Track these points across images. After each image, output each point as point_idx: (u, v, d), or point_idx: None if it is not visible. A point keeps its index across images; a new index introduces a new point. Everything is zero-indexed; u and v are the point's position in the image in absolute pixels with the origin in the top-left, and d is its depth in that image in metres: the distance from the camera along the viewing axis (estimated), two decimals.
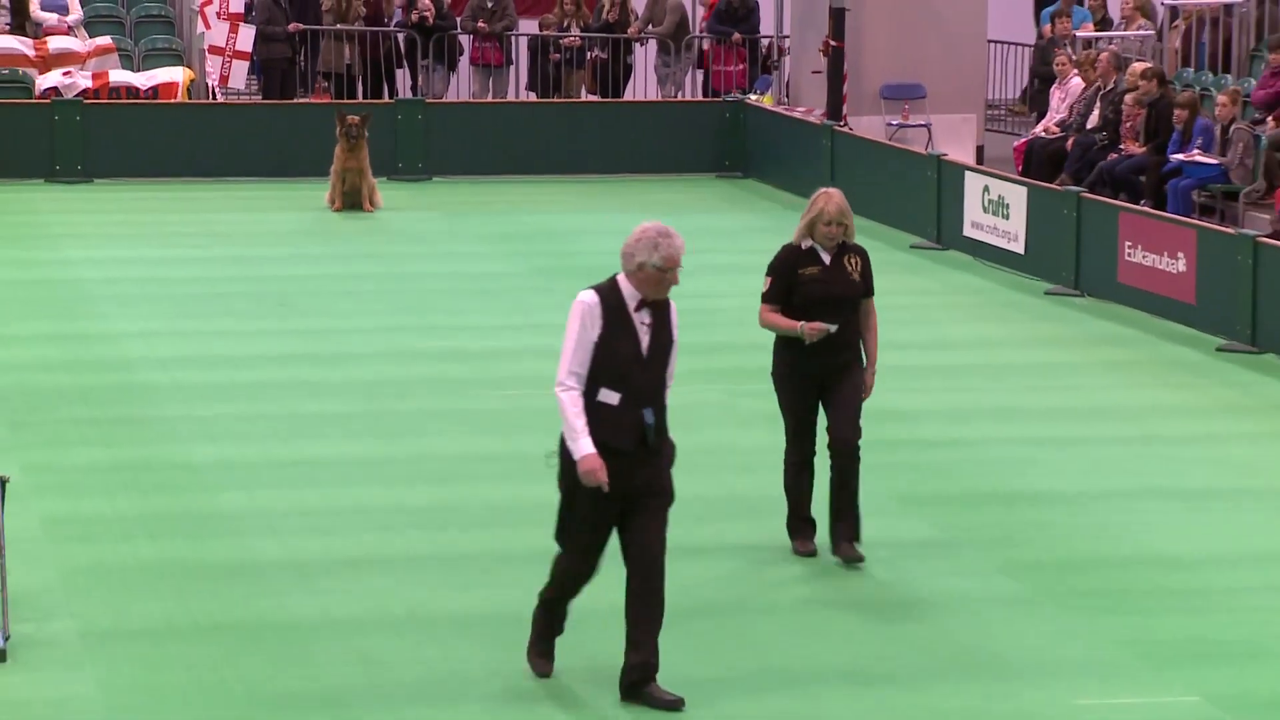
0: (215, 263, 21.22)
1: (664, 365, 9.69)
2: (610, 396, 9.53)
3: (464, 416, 15.26)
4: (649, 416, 9.59)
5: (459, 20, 29.88)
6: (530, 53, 30.10)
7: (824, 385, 11.61)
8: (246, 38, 28.14)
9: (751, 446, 14.37)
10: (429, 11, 29.33)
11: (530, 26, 30.51)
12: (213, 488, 13.34)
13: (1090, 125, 24.10)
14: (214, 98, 28.02)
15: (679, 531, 12.56)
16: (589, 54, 29.82)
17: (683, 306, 21.41)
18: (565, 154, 27.02)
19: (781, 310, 11.60)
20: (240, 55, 28.21)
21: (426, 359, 17.06)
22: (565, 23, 29.97)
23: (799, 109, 28.01)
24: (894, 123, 27.32)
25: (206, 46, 28.12)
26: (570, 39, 29.74)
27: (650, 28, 30.18)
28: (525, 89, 30.13)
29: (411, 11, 29.44)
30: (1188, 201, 22.07)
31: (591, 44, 29.84)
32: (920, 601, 11.40)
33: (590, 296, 9.59)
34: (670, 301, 9.74)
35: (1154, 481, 13.87)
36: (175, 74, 27.58)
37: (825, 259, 11.57)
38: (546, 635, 10.12)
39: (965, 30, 27.74)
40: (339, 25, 29.23)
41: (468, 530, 12.60)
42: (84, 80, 27.11)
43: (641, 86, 30.58)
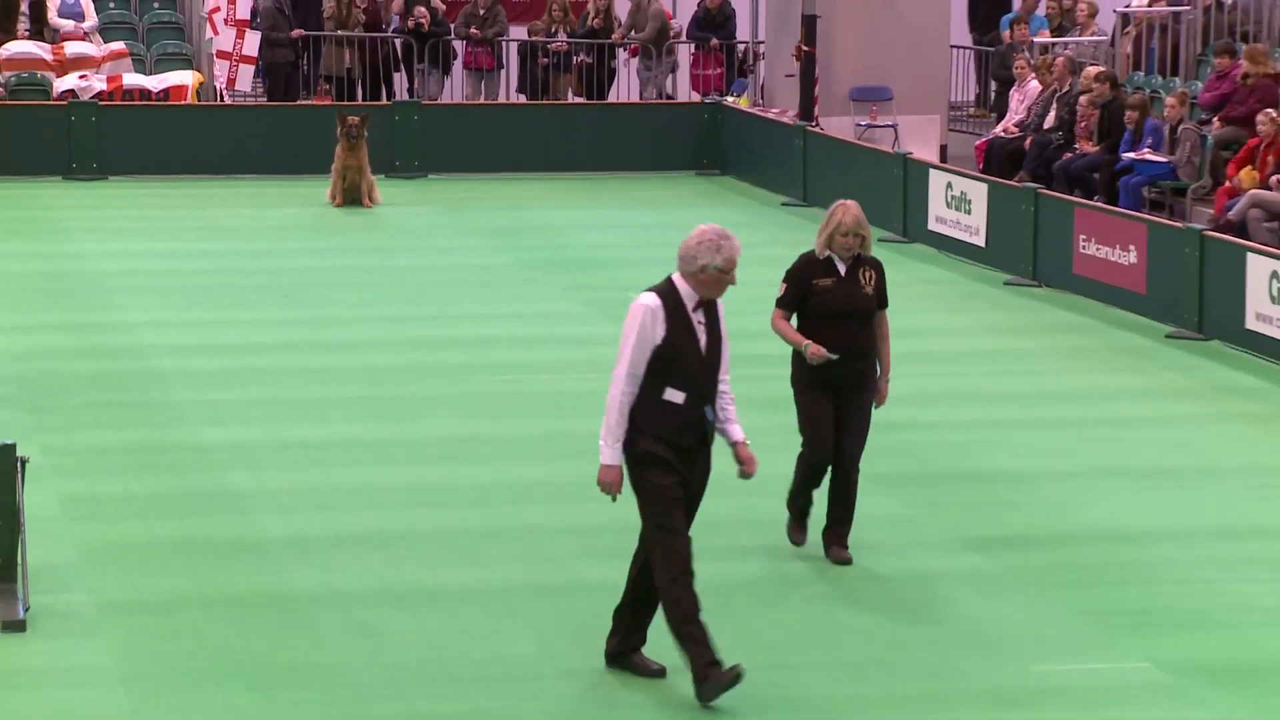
0: (223, 255, 21.18)
1: (718, 363, 9.44)
2: (676, 395, 9.27)
3: (460, 400, 15.25)
4: (710, 414, 9.40)
5: (453, 26, 29.85)
6: (520, 57, 30.06)
7: (839, 393, 11.30)
8: (252, 43, 28.09)
9: None
10: (424, 18, 29.29)
11: (520, 32, 30.47)
12: (221, 468, 13.32)
13: (1047, 125, 24.11)
14: (221, 100, 27.96)
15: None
16: (575, 58, 29.78)
17: None
18: (553, 153, 26.98)
19: (797, 317, 11.31)
20: (246, 59, 28.16)
21: (423, 346, 17.04)
22: (553, 29, 29.94)
23: (773, 110, 28.00)
24: (862, 123, 27.31)
25: (214, 51, 28.06)
26: (557, 44, 29.70)
27: (633, 34, 30.13)
28: (515, 91, 30.09)
29: (408, 18, 29.40)
30: (1138, 197, 22.08)
31: (577, 49, 29.80)
32: (886, 575, 11.40)
33: (653, 299, 9.30)
34: (717, 300, 9.48)
35: (1107, 461, 13.88)
36: (185, 77, 27.52)
37: (840, 270, 11.22)
38: (704, 639, 9.34)
39: (929, 36, 27.73)
40: (339, 31, 29.18)
41: (464, 508, 12.58)
42: (99, 83, 27.05)
43: (624, 89, 30.55)
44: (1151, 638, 10.44)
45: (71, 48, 27.78)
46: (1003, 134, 24.90)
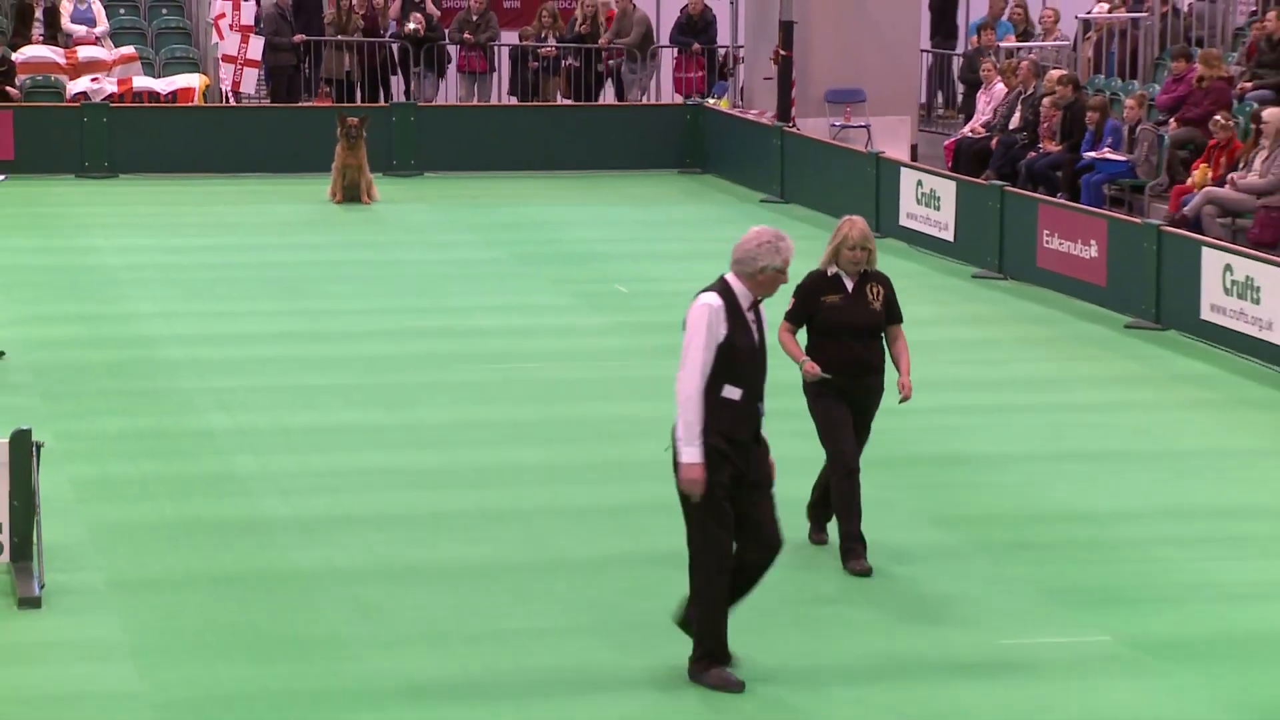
0: (228, 250, 21.15)
1: (766, 360, 9.33)
2: (733, 393, 9.13)
3: (454, 388, 15.24)
4: (762, 409, 9.29)
5: (447, 32, 29.82)
6: (511, 61, 30.04)
7: (852, 403, 10.87)
8: (256, 47, 28.03)
9: None
10: (420, 24, 29.26)
11: (511, 38, 30.46)
12: (226, 452, 13.31)
13: (1012, 126, 24.12)
14: (227, 101, 27.91)
15: (649, 489, 12.62)
16: (564, 62, 29.76)
17: (646, 289, 21.57)
18: (543, 152, 26.96)
19: (806, 332, 10.92)
20: (251, 63, 28.10)
21: (420, 336, 17.03)
22: (543, 34, 29.92)
23: (752, 111, 27.99)
24: (837, 124, 27.30)
25: (220, 55, 28.01)
26: (547, 49, 29.68)
27: (618, 39, 30.11)
28: (507, 94, 30.07)
29: (404, 24, 29.36)
30: (1099, 194, 22.10)
31: (566, 53, 29.78)
32: None
33: (715, 299, 9.12)
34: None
35: (1068, 445, 13.89)
36: (192, 80, 27.50)
37: (848, 286, 10.80)
38: (722, 651, 9.30)
39: (901, 41, 27.74)
40: (339, 36, 29.14)
41: (458, 490, 12.58)
42: (110, 86, 27.03)
43: (611, 91, 30.52)
44: (1111, 612, 10.44)
45: (84, 52, 27.76)
46: (970, 134, 24.91)
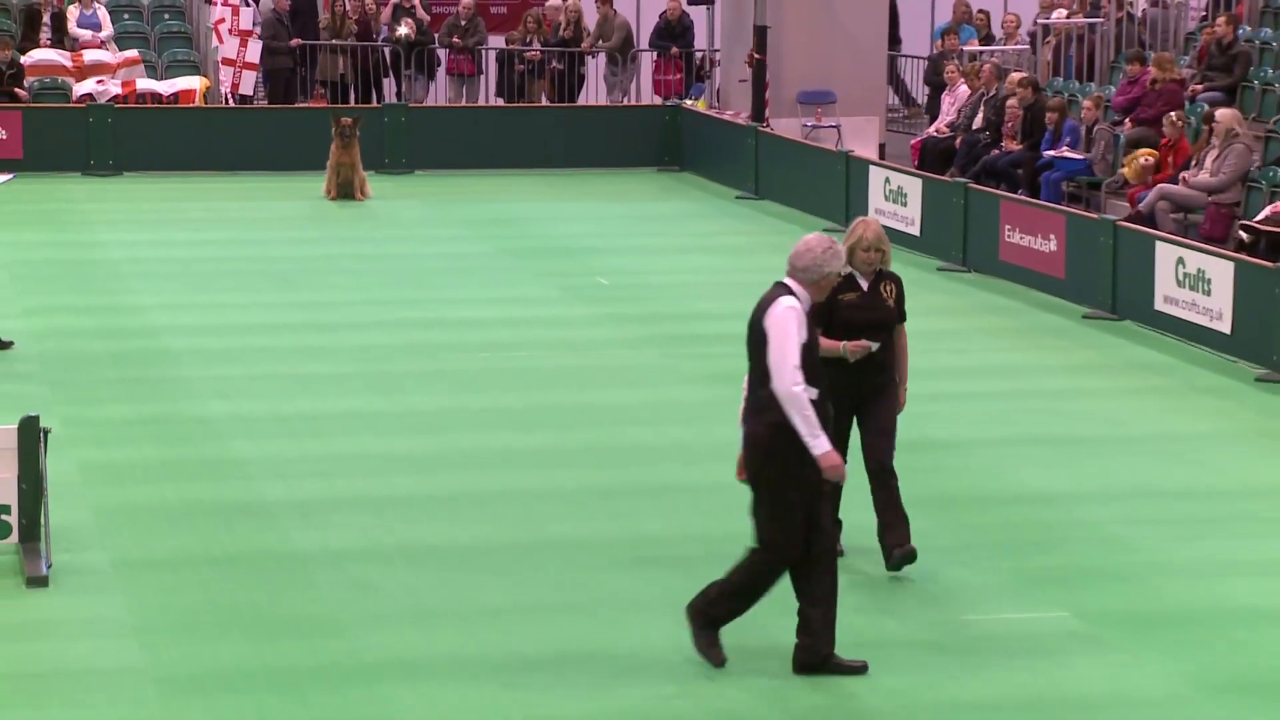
0: (228, 244, 21.08)
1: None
2: (811, 392, 8.96)
3: (445, 376, 15.19)
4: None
5: (437, 36, 29.76)
6: (498, 64, 29.97)
7: (860, 406, 10.51)
8: (255, 51, 27.95)
9: (689, 401, 14.35)
10: (411, 29, 29.21)
11: (498, 42, 30.39)
12: (226, 438, 13.25)
13: (975, 126, 24.09)
14: (226, 103, 27.83)
15: (633, 472, 12.58)
16: (548, 65, 29.71)
17: (627, 281, 21.47)
18: (528, 151, 26.92)
19: (823, 333, 10.51)
20: (249, 66, 28.02)
21: (411, 327, 16.97)
22: (528, 39, 29.86)
23: (728, 112, 27.94)
24: (809, 124, 27.26)
25: (220, 59, 27.93)
26: (532, 53, 29.62)
27: (600, 43, 30.06)
28: (494, 95, 30.00)
29: (396, 29, 29.29)
30: (1058, 191, 22.09)
31: (550, 57, 29.72)
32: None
33: (797, 303, 8.94)
34: None
35: (1029, 430, 13.88)
36: (193, 82, 27.42)
37: (863, 285, 10.47)
38: (715, 636, 9.20)
39: (869, 45, 27.70)
40: (334, 40, 29.06)
41: (449, 473, 12.53)
42: (114, 87, 26.95)
43: (593, 93, 30.48)
44: (1070, 590, 10.43)
45: (90, 55, 27.69)
46: (935, 134, 24.89)
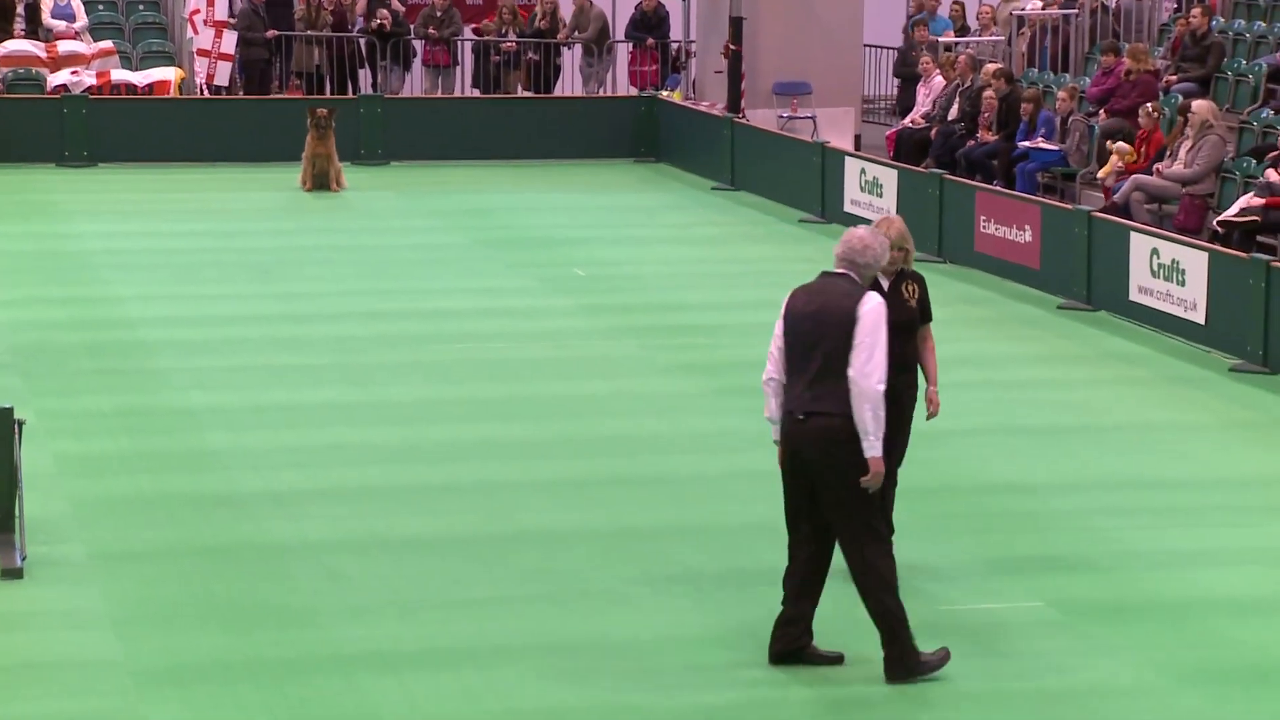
0: (203, 235, 21.03)
1: None
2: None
3: (421, 367, 15.18)
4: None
5: (413, 27, 29.72)
6: (474, 55, 29.95)
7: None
8: (230, 42, 27.88)
9: (665, 392, 14.36)
10: (386, 19, 29.16)
11: (473, 33, 30.35)
12: (203, 429, 13.23)
13: (951, 117, 24.13)
14: (202, 93, 27.77)
15: (611, 463, 12.59)
16: (524, 56, 29.68)
17: (605, 273, 21.47)
18: (504, 142, 26.89)
19: None
20: (224, 57, 27.95)
21: (387, 318, 16.95)
22: (503, 29, 29.83)
23: (704, 103, 27.96)
24: (784, 115, 27.30)
25: (195, 49, 27.87)
26: (508, 44, 29.60)
27: (576, 34, 30.05)
28: (470, 86, 29.98)
29: (372, 19, 29.25)
30: (1033, 182, 22.14)
31: (526, 48, 29.70)
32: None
33: (881, 299, 8.87)
34: None
35: (1005, 420, 13.91)
36: (168, 73, 27.33)
37: (884, 285, 10.28)
38: (914, 647, 9.04)
39: (845, 36, 27.73)
40: (309, 31, 29.00)
41: (424, 464, 12.53)
42: (89, 78, 26.86)
43: (569, 84, 30.47)
44: (1045, 579, 10.46)
45: (64, 46, 27.58)
46: (911, 125, 24.92)
